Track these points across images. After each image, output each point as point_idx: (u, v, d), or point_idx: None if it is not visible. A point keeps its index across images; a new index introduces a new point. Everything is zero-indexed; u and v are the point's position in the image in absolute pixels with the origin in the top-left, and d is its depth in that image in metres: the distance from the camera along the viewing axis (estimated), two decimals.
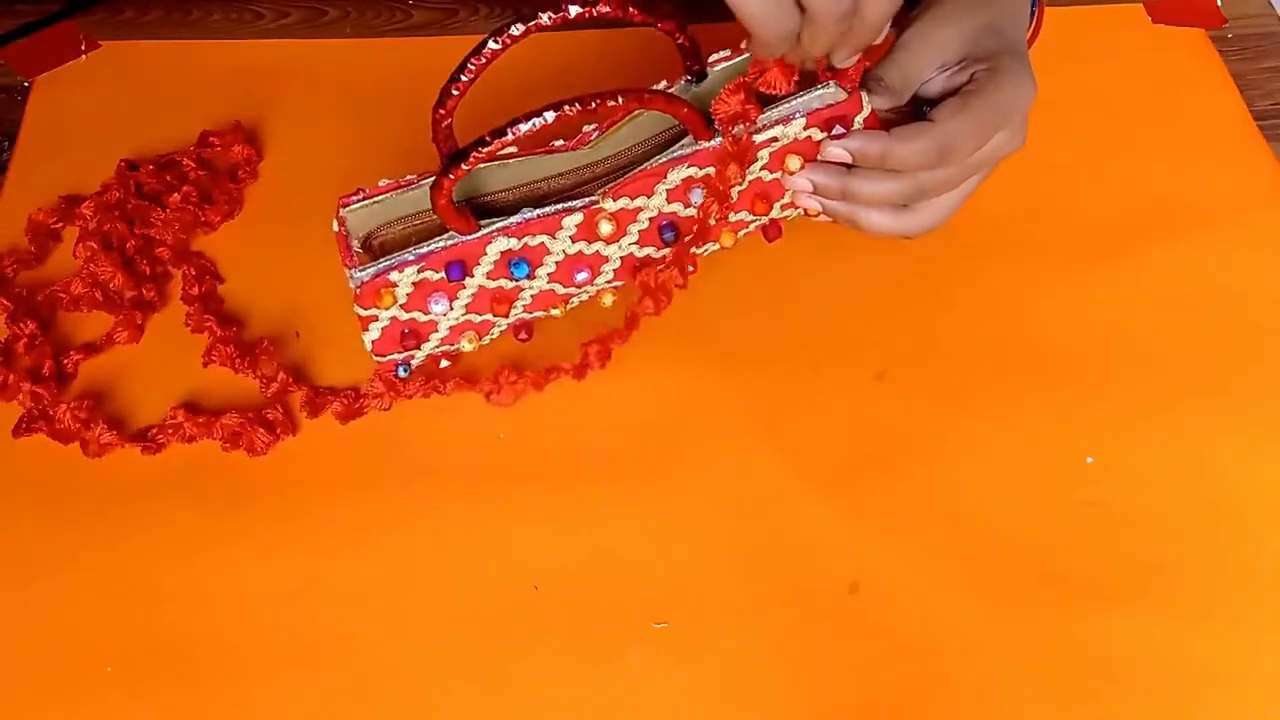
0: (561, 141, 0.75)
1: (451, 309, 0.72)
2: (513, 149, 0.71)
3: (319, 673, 0.67)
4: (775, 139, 0.72)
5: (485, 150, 0.65)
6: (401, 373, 0.75)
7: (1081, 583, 0.70)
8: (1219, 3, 0.98)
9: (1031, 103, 0.72)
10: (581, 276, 0.74)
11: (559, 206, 0.71)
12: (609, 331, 0.76)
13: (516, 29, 0.68)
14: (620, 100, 0.66)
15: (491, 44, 0.69)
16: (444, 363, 0.76)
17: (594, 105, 0.66)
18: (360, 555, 0.71)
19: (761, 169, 0.74)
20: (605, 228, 0.72)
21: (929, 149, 0.69)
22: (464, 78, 0.70)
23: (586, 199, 0.71)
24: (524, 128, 0.65)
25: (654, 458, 0.75)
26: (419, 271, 0.70)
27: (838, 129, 0.72)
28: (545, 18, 0.68)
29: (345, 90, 0.93)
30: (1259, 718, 0.66)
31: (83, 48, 0.96)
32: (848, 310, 0.81)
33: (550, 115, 0.65)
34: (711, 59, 0.75)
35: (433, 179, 0.68)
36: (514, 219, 0.70)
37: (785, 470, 0.74)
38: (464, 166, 0.66)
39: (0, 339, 0.79)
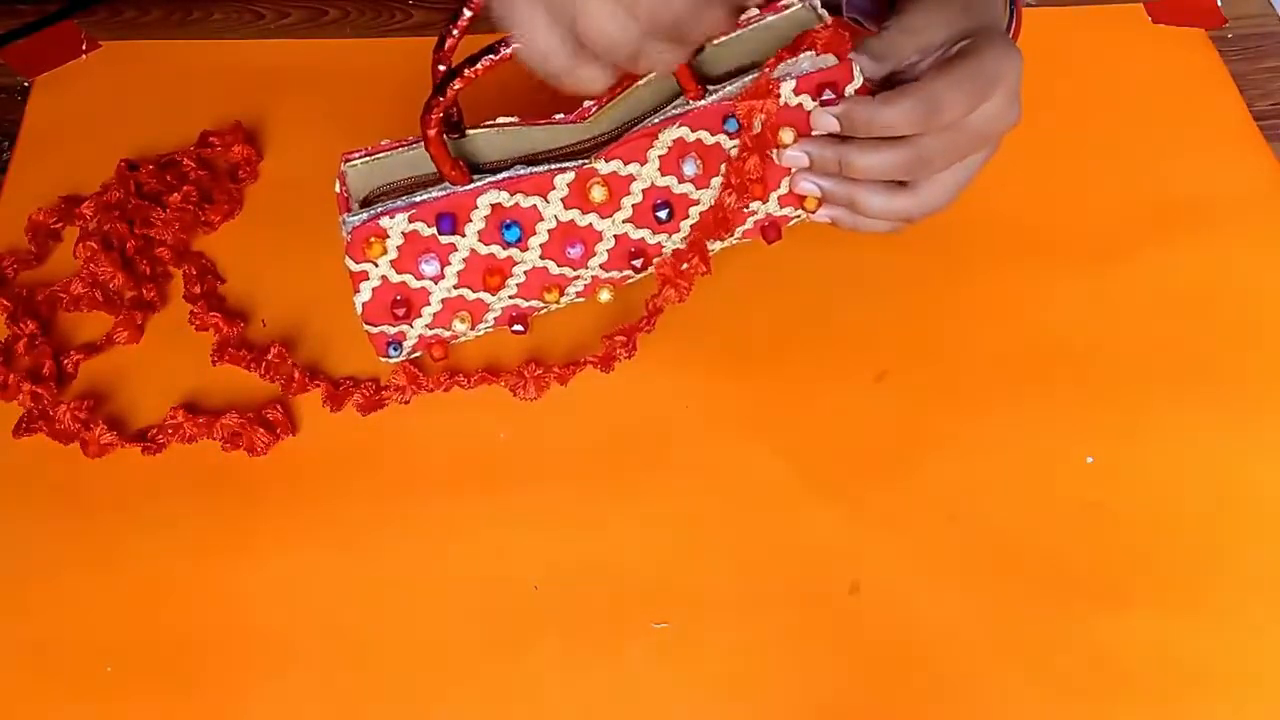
0: (561, 115, 0.74)
1: (444, 275, 0.72)
2: (512, 118, 0.70)
3: (317, 672, 0.67)
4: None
5: (474, 69, 0.65)
6: (393, 353, 0.75)
7: (1082, 583, 0.70)
8: (1219, 3, 0.98)
9: (1020, 72, 0.71)
10: (574, 252, 0.74)
11: (551, 166, 0.71)
12: (632, 322, 0.77)
13: None
14: None
15: None
16: (436, 353, 0.76)
17: None
18: (359, 555, 0.71)
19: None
20: (598, 193, 0.71)
21: (914, 107, 0.69)
22: (466, 12, 0.69)
23: (579, 160, 0.71)
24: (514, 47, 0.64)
25: (654, 458, 0.75)
26: (410, 221, 0.70)
27: (828, 94, 0.72)
28: None
29: (346, 90, 0.92)
30: (1259, 717, 0.66)
31: (83, 48, 0.96)
32: (848, 310, 0.81)
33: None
34: None
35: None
36: (505, 174, 0.70)
37: (786, 470, 0.74)
38: (455, 85, 0.65)
39: (0, 339, 0.79)
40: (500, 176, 0.70)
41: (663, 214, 0.74)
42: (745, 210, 0.76)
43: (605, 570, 0.71)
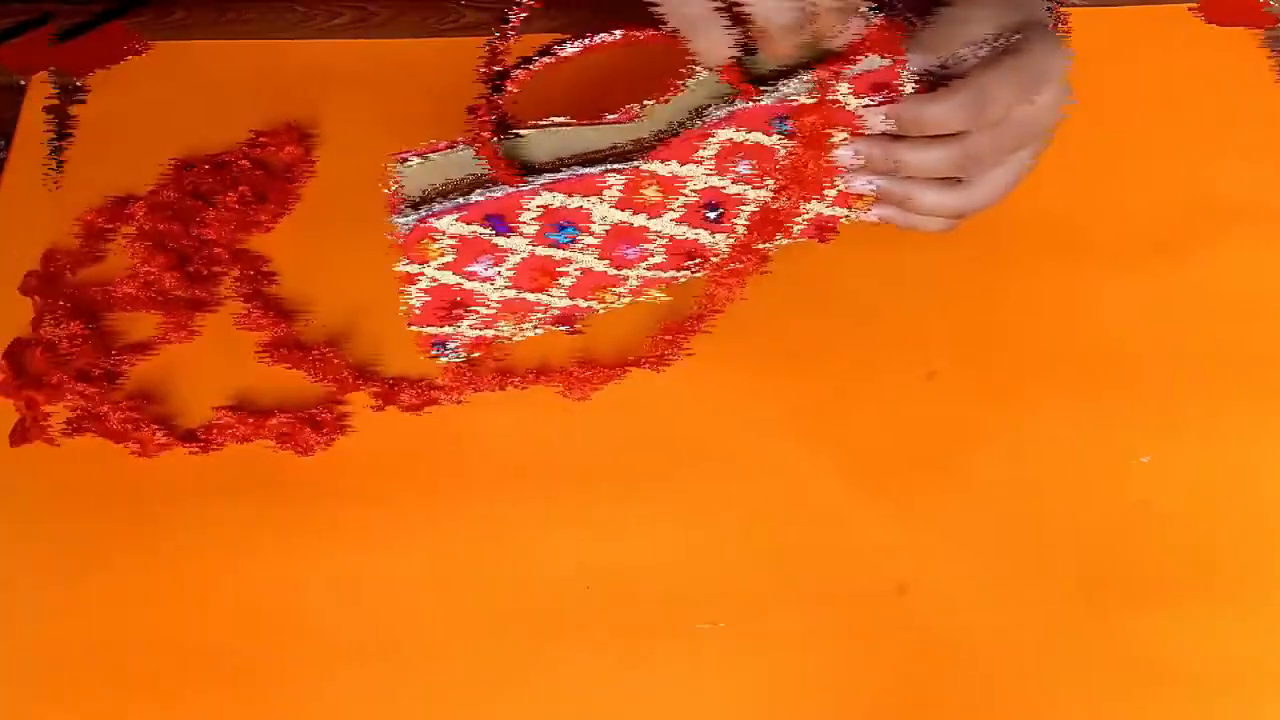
0: (612, 115, 0.74)
1: (494, 276, 0.72)
2: (563, 118, 0.71)
3: (366, 672, 0.68)
4: None
5: (526, 70, 0.65)
6: (443, 353, 0.75)
7: (1134, 584, 0.70)
8: (1272, 3, 0.97)
9: (1067, 67, 0.71)
10: (626, 252, 0.74)
11: (602, 167, 0.71)
12: (683, 322, 0.77)
13: None
14: (660, 30, 0.65)
15: None
16: (475, 354, 0.76)
17: (641, 36, 0.65)
18: (409, 555, 0.72)
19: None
20: (649, 194, 0.71)
21: (963, 103, 0.69)
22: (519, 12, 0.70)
23: (630, 161, 0.71)
24: (572, 48, 0.64)
25: (702, 458, 0.75)
26: (461, 222, 0.70)
27: (880, 94, 0.72)
28: None
29: (395, 91, 0.93)
30: None
31: (133, 48, 0.96)
32: (898, 309, 0.81)
33: (575, 46, 0.64)
34: None
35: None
36: (557, 175, 0.70)
37: (834, 470, 0.74)
38: (508, 87, 0.65)
39: (51, 339, 0.79)
40: (551, 178, 0.71)
41: (714, 214, 0.74)
42: (797, 210, 0.75)
43: (650, 571, 0.71)
